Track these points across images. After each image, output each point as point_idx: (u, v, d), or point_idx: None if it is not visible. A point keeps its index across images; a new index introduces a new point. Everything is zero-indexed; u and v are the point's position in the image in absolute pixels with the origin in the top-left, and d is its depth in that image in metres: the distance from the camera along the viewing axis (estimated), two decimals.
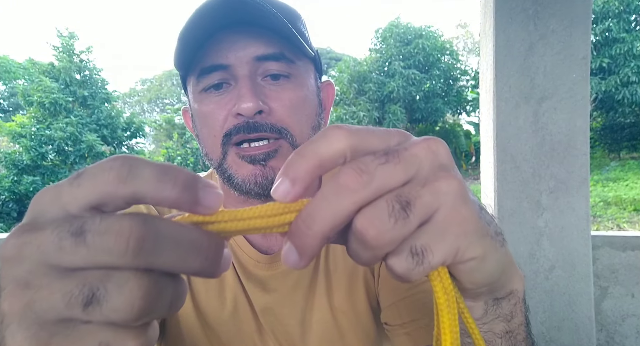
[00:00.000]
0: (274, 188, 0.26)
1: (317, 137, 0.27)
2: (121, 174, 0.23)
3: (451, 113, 20.28)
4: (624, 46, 13.46)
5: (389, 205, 0.25)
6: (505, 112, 1.79)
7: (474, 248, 0.27)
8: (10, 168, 13.76)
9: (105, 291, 0.22)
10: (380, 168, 0.25)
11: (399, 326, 0.66)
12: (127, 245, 0.22)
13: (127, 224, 0.22)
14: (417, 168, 0.26)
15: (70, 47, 15.49)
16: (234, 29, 0.60)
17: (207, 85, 0.63)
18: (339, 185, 0.25)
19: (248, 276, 0.69)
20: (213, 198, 0.25)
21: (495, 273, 0.30)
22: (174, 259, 0.23)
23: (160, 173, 0.24)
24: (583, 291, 1.77)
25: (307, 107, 0.65)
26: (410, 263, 0.26)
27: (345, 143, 0.26)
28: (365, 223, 0.25)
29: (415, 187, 0.26)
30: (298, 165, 0.26)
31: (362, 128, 0.28)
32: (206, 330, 0.69)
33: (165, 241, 0.23)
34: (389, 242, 0.25)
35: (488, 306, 0.34)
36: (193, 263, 0.24)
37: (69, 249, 0.22)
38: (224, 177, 0.65)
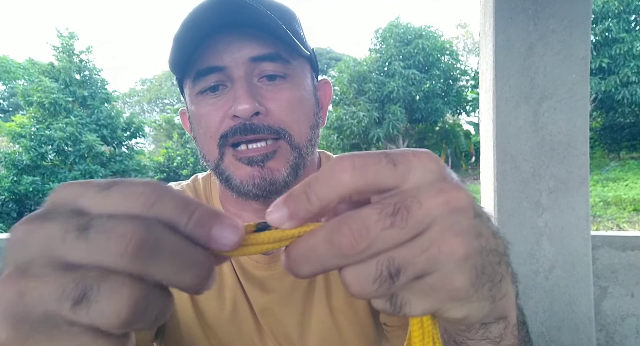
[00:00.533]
0: (270, 211, 0.26)
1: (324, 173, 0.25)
2: (148, 201, 0.23)
3: (451, 113, 20.27)
4: (623, 46, 13.47)
5: (377, 269, 0.24)
6: (505, 112, 1.79)
7: (455, 311, 0.27)
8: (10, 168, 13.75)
9: (97, 293, 0.22)
10: (382, 234, 0.24)
11: (398, 328, 0.65)
12: (126, 248, 0.22)
13: (130, 227, 0.22)
14: (426, 228, 0.24)
15: (70, 47, 15.49)
16: (228, 30, 0.60)
17: (203, 87, 0.63)
18: (333, 244, 0.24)
19: (247, 276, 0.69)
20: (229, 237, 0.25)
21: (477, 322, 0.30)
22: (168, 270, 0.23)
23: (180, 207, 0.24)
24: (583, 291, 1.77)
25: (304, 107, 0.65)
26: (388, 307, 0.26)
27: (351, 187, 0.25)
28: (349, 279, 0.25)
29: (415, 252, 0.24)
30: (301, 204, 0.25)
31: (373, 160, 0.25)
32: (205, 330, 0.69)
33: (163, 250, 0.23)
34: (371, 296, 0.25)
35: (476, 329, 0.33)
36: (185, 278, 0.24)
37: (71, 242, 0.22)
38: (221, 178, 0.65)
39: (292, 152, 0.63)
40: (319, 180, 0.25)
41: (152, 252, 0.22)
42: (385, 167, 0.25)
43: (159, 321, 0.25)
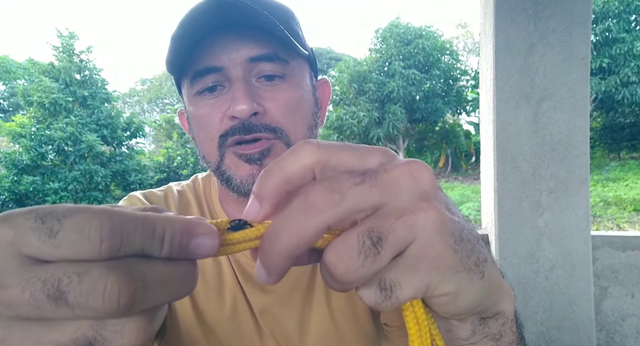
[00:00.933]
0: (246, 209, 0.26)
1: (285, 153, 0.26)
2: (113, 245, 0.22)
3: (451, 113, 20.26)
4: (624, 46, 13.47)
5: (359, 240, 0.24)
6: (505, 112, 1.79)
7: (446, 284, 0.26)
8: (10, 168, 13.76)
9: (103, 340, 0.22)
10: (353, 189, 0.24)
11: (399, 328, 0.65)
12: (118, 305, 0.21)
13: (115, 283, 0.21)
14: (395, 194, 0.25)
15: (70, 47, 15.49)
16: (226, 31, 0.60)
17: (202, 88, 0.63)
18: (306, 203, 0.24)
19: (247, 277, 0.69)
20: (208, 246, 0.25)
21: (472, 305, 0.29)
22: (165, 296, 0.24)
23: (148, 236, 0.23)
24: (583, 291, 1.77)
25: (302, 107, 0.65)
26: (379, 296, 0.26)
27: (312, 159, 0.25)
28: (334, 258, 0.24)
29: (390, 219, 0.24)
30: (264, 182, 0.26)
31: (336, 144, 0.27)
32: (205, 330, 0.69)
33: (154, 285, 0.23)
34: (358, 279, 0.24)
35: (475, 326, 0.33)
36: (182, 293, 0.24)
37: (50, 312, 0.21)
38: (222, 179, 0.65)
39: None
40: (281, 157, 0.26)
41: (143, 294, 0.22)
42: (344, 147, 0.26)
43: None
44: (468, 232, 0.28)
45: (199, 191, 0.76)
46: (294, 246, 0.24)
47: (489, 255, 0.30)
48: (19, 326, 0.22)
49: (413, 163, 0.26)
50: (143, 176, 15.69)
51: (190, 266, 0.25)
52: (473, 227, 0.30)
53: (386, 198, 0.25)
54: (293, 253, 0.24)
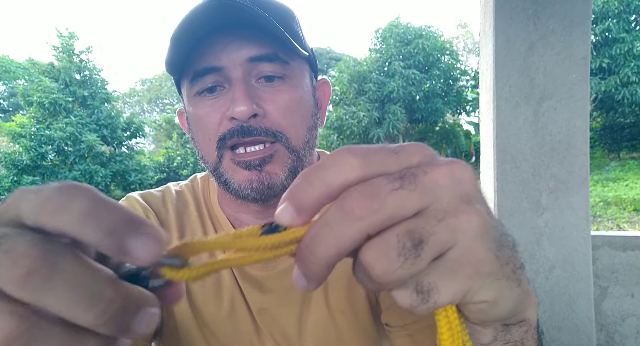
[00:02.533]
0: (278, 213, 0.24)
1: (328, 162, 0.24)
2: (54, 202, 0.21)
3: (451, 113, 20.26)
4: (624, 46, 13.46)
5: (399, 241, 0.23)
6: (505, 112, 1.78)
7: (485, 291, 0.25)
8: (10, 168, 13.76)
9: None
10: (392, 194, 0.23)
11: (400, 328, 0.65)
12: (14, 274, 0.20)
13: (25, 252, 0.20)
14: (436, 197, 0.24)
15: (70, 47, 15.49)
16: (226, 31, 0.60)
17: (201, 88, 0.62)
18: (344, 211, 0.23)
19: (244, 276, 0.69)
20: (146, 250, 0.22)
21: (508, 312, 0.28)
22: (64, 302, 0.20)
23: (89, 211, 0.21)
24: (583, 291, 1.77)
25: (302, 108, 0.65)
26: (415, 300, 0.25)
27: (358, 174, 0.24)
28: (372, 258, 0.23)
29: (431, 221, 0.23)
30: (305, 193, 0.24)
31: (378, 151, 0.25)
32: (203, 330, 0.69)
33: (58, 279, 0.20)
34: (395, 280, 0.23)
35: (497, 332, 0.32)
36: (87, 315, 0.21)
37: None
38: (220, 181, 0.65)
39: (289, 155, 0.63)
40: (322, 165, 0.24)
41: (44, 281, 0.20)
42: (387, 152, 0.25)
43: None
44: (505, 238, 0.27)
45: (198, 191, 0.76)
46: (333, 255, 0.23)
47: (521, 262, 0.29)
48: None
49: (454, 163, 0.25)
50: (143, 176, 15.69)
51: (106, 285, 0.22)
52: (508, 231, 0.29)
53: (427, 201, 0.24)
54: (332, 261, 0.24)
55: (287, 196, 0.24)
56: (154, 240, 0.22)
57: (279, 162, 0.62)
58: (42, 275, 0.20)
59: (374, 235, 0.24)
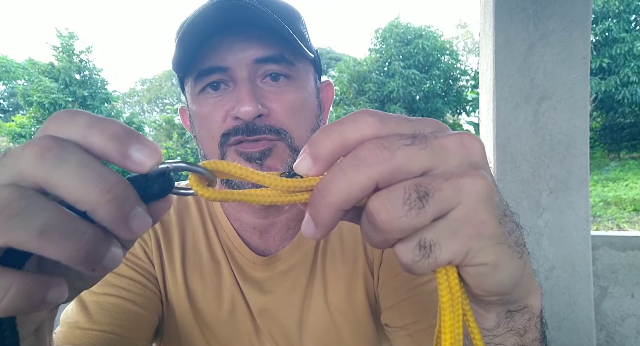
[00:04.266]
0: (297, 163, 0.26)
1: (346, 118, 0.26)
2: (61, 118, 0.25)
3: (451, 113, 20.26)
4: (624, 46, 13.47)
5: (406, 192, 0.24)
6: (505, 112, 1.79)
7: (485, 253, 0.26)
8: None
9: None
10: (403, 148, 0.25)
11: (400, 328, 0.65)
12: (32, 151, 0.23)
13: (41, 139, 0.24)
14: (444, 159, 0.26)
15: (70, 47, 15.50)
16: (232, 31, 0.60)
17: (205, 85, 0.62)
18: (357, 158, 0.25)
19: (245, 277, 0.69)
20: (145, 154, 0.25)
21: (507, 283, 0.28)
22: (72, 177, 0.23)
23: (92, 121, 0.25)
24: (583, 291, 1.77)
25: (306, 110, 0.65)
26: (417, 255, 0.25)
27: (373, 131, 0.26)
28: (378, 205, 0.24)
29: (438, 179, 0.25)
30: (322, 143, 0.26)
31: (394, 116, 0.27)
32: (204, 330, 0.69)
33: (69, 157, 0.23)
34: (398, 229, 0.25)
35: (500, 318, 0.33)
36: (92, 190, 0.23)
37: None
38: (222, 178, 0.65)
39: (290, 153, 0.63)
40: (341, 120, 0.26)
41: (56, 158, 0.23)
42: (402, 119, 0.27)
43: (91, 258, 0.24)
44: (511, 213, 0.28)
45: None
46: (343, 198, 0.25)
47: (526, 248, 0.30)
48: None
49: (465, 134, 0.27)
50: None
51: (107, 170, 0.24)
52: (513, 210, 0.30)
53: (435, 161, 0.25)
54: (341, 206, 0.25)
55: (306, 147, 0.26)
56: (152, 150, 0.25)
57: (279, 158, 0.62)
58: (55, 152, 0.23)
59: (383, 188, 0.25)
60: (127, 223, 0.24)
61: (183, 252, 0.69)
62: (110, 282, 0.63)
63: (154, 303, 0.67)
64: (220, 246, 0.70)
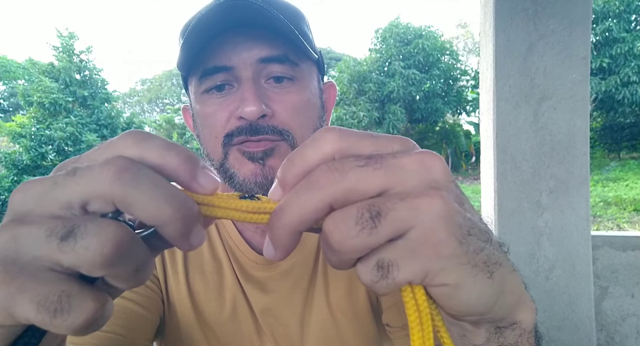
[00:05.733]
0: (270, 192, 0.28)
1: (309, 140, 0.27)
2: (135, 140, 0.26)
3: (451, 113, 20.26)
4: (624, 46, 13.46)
5: (358, 211, 0.24)
6: (505, 112, 1.79)
7: (446, 274, 0.26)
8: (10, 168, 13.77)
9: (84, 230, 0.23)
10: (355, 170, 0.25)
11: (400, 328, 0.65)
12: (107, 174, 0.24)
13: (112, 160, 0.25)
14: (401, 179, 0.25)
15: (70, 47, 15.50)
16: (237, 31, 0.60)
17: (210, 86, 0.62)
18: (309, 181, 0.25)
19: (247, 277, 0.69)
20: (210, 180, 0.27)
21: (477, 304, 0.28)
22: (148, 197, 0.24)
23: (167, 144, 0.27)
24: (583, 291, 1.77)
25: (309, 110, 0.65)
26: (375, 275, 0.25)
27: (333, 147, 0.26)
28: (331, 226, 0.25)
29: (392, 199, 0.25)
30: (288, 170, 0.27)
31: (357, 133, 0.27)
32: (205, 330, 0.69)
33: (144, 179, 0.24)
34: (352, 249, 0.25)
35: (490, 334, 0.32)
36: (165, 209, 0.24)
37: (61, 182, 0.25)
38: (225, 177, 0.65)
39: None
40: (304, 144, 0.27)
41: (133, 178, 0.24)
42: (365, 135, 0.27)
43: (142, 276, 0.26)
44: (480, 231, 0.27)
45: None
46: (297, 220, 0.25)
47: (507, 263, 0.29)
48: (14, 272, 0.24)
49: (426, 153, 0.27)
50: None
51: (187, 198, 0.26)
52: (491, 231, 0.29)
53: (391, 182, 0.25)
54: (297, 228, 0.26)
55: (277, 175, 0.27)
56: (215, 176, 0.28)
57: (281, 158, 0.62)
58: (131, 173, 0.24)
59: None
60: (188, 238, 0.26)
61: (185, 252, 0.70)
62: None
63: (156, 303, 0.67)
64: (222, 245, 0.70)
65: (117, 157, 0.25)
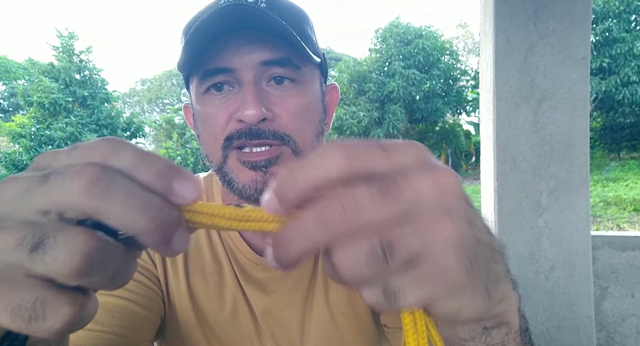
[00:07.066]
0: (264, 203, 0.26)
1: (314, 157, 0.25)
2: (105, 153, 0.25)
3: (451, 113, 20.25)
4: (624, 46, 13.46)
5: (369, 246, 0.24)
6: (505, 112, 1.79)
7: (449, 302, 0.26)
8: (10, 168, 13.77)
9: (53, 240, 0.23)
10: (373, 209, 0.24)
11: (399, 329, 0.65)
12: (79, 184, 0.23)
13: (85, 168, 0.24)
14: (416, 208, 0.24)
15: (70, 47, 15.50)
16: (239, 33, 0.59)
17: (210, 86, 0.62)
18: (320, 217, 0.24)
19: (247, 278, 0.69)
20: (188, 190, 0.26)
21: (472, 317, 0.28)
22: (121, 208, 0.24)
23: (142, 154, 0.26)
24: (583, 291, 1.77)
25: (311, 114, 0.65)
26: (380, 298, 0.25)
27: (340, 167, 0.24)
28: (341, 258, 0.24)
29: (405, 229, 0.24)
30: (288, 186, 0.25)
31: (365, 147, 0.25)
32: (205, 331, 0.69)
33: (117, 189, 0.24)
34: (360, 279, 0.25)
35: (476, 333, 0.33)
36: (140, 220, 0.24)
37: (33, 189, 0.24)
38: (224, 180, 0.65)
39: (295, 159, 0.63)
40: (308, 160, 0.25)
41: (105, 189, 0.23)
42: (376, 151, 0.25)
43: (120, 280, 0.26)
44: (486, 248, 0.27)
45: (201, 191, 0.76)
46: (305, 251, 0.25)
47: (504, 273, 0.30)
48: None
49: (442, 174, 0.25)
50: None
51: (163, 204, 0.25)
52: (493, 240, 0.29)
53: (405, 213, 0.24)
54: (302, 256, 0.25)
55: (273, 188, 0.26)
56: (194, 184, 0.26)
57: (285, 164, 0.62)
58: (103, 184, 0.23)
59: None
60: (169, 245, 0.26)
61: (185, 253, 0.69)
62: None
63: (157, 304, 0.67)
64: (222, 246, 0.70)
65: (90, 165, 0.24)
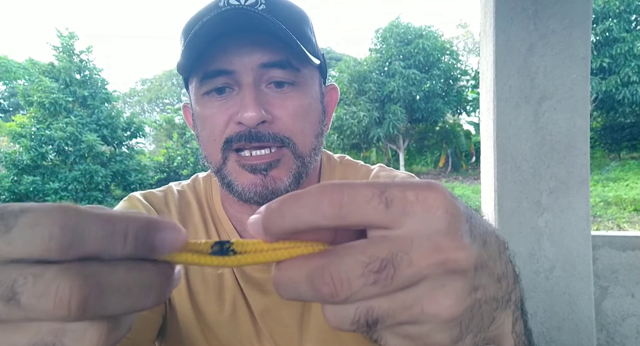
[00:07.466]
0: (250, 222, 0.25)
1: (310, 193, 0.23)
2: (65, 241, 0.21)
3: (451, 113, 20.25)
4: (624, 46, 13.48)
5: (355, 315, 0.24)
6: (505, 112, 1.79)
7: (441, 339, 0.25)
8: (10, 168, 13.77)
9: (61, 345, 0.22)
10: (364, 289, 0.23)
11: None
12: (69, 310, 0.20)
13: (67, 286, 0.20)
14: (413, 285, 0.23)
15: (70, 47, 15.50)
16: (239, 35, 0.60)
17: (210, 88, 0.62)
18: (313, 287, 0.23)
19: (246, 278, 0.69)
20: (170, 243, 0.24)
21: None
22: (125, 305, 0.22)
23: (108, 233, 0.22)
24: (583, 291, 1.77)
25: (310, 115, 0.65)
26: (362, 334, 0.26)
27: (333, 216, 0.23)
28: (328, 314, 0.25)
29: (395, 306, 0.23)
30: (275, 221, 0.24)
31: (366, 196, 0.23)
32: (205, 331, 0.69)
33: (112, 292, 0.22)
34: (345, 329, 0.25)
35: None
36: (146, 304, 0.23)
37: (3, 313, 0.21)
38: (223, 182, 0.65)
39: (295, 161, 0.63)
40: (301, 200, 0.23)
41: (98, 300, 0.21)
42: (376, 208, 0.23)
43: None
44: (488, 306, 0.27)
45: (200, 191, 0.76)
46: (292, 299, 0.26)
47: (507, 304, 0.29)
48: None
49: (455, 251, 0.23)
50: (143, 176, 15.69)
51: (155, 275, 0.24)
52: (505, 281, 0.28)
53: (399, 289, 0.23)
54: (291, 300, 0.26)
55: (262, 215, 0.24)
56: (173, 232, 0.24)
57: (285, 168, 0.63)
58: (95, 297, 0.21)
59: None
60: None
61: None
62: None
63: None
64: None
65: (66, 279, 0.20)
